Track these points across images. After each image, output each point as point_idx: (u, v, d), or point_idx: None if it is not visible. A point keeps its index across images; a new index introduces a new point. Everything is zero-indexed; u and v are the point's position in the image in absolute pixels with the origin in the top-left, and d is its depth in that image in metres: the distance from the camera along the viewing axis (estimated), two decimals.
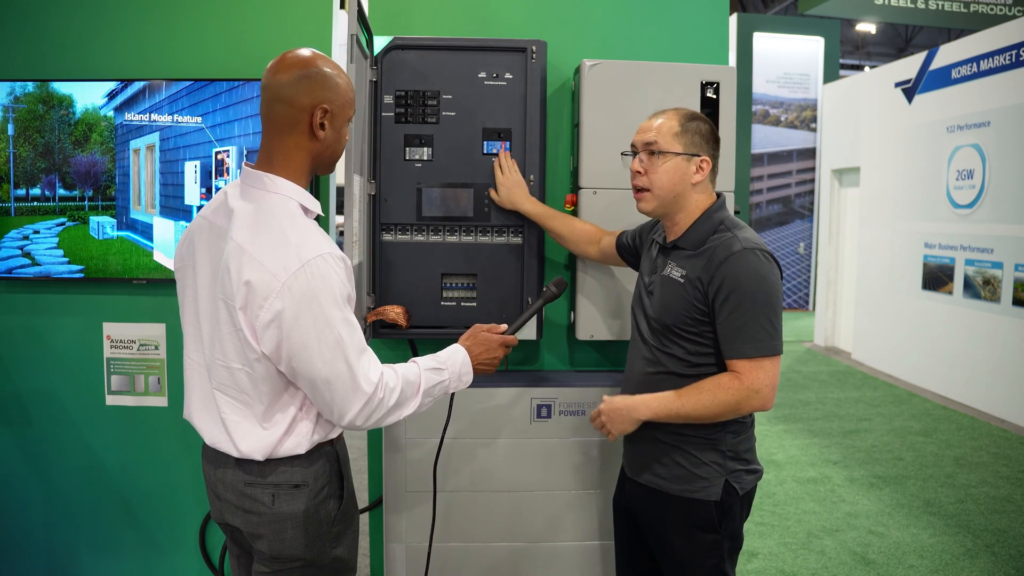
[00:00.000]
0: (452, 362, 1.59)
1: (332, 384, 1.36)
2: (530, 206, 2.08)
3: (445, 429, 2.03)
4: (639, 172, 1.72)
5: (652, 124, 1.72)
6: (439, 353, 1.60)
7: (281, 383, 1.41)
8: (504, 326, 1.76)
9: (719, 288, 1.61)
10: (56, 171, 2.38)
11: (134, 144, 2.37)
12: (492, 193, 2.12)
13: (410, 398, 1.48)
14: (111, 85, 2.34)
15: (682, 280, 1.68)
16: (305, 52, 1.43)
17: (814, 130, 10.63)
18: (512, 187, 2.08)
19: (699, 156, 1.69)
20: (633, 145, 1.75)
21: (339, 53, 2.12)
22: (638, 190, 1.74)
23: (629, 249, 1.96)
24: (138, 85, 2.33)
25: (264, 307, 1.32)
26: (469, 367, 1.62)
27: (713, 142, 1.72)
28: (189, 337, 1.53)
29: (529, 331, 2.17)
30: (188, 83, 2.32)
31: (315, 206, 1.45)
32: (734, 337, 1.61)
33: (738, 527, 1.74)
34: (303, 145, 1.43)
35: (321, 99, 1.41)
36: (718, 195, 1.76)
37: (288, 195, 1.41)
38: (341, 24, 2.49)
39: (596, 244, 2.05)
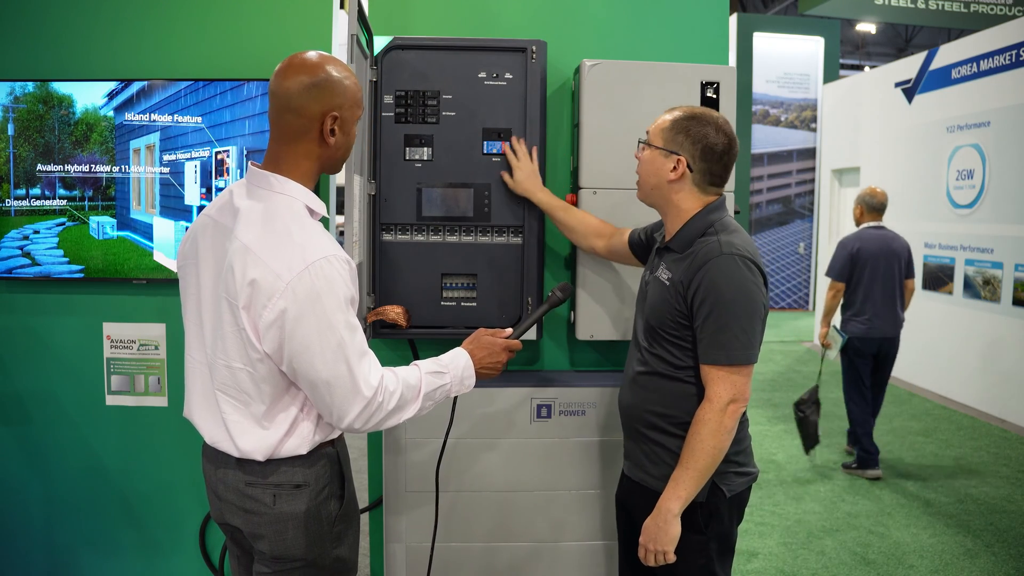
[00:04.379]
0: (454, 366, 1.59)
1: (332, 386, 1.36)
2: (543, 195, 2.09)
3: (448, 432, 2.03)
4: (637, 159, 1.79)
5: (658, 117, 1.76)
6: (441, 356, 1.60)
7: (283, 383, 1.42)
8: (508, 330, 1.75)
9: (696, 292, 1.62)
10: (56, 171, 2.37)
11: (134, 144, 2.37)
12: (505, 176, 2.11)
13: (410, 402, 1.48)
14: (111, 85, 2.34)
15: (667, 283, 1.70)
16: (312, 56, 1.42)
17: (814, 130, 10.63)
18: (528, 175, 2.09)
19: (676, 155, 1.69)
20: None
21: (339, 53, 2.11)
22: None
23: (642, 245, 1.96)
24: (138, 85, 2.33)
25: (268, 307, 1.33)
26: (472, 371, 1.61)
27: (702, 148, 1.68)
28: (191, 336, 1.53)
29: (529, 331, 2.17)
30: (188, 83, 2.32)
31: (321, 208, 1.46)
32: (708, 343, 1.62)
33: (727, 529, 1.73)
34: (313, 151, 1.44)
35: (331, 106, 1.41)
36: (718, 196, 1.75)
37: (294, 196, 1.42)
38: (341, 24, 2.49)
39: (606, 239, 2.04)
